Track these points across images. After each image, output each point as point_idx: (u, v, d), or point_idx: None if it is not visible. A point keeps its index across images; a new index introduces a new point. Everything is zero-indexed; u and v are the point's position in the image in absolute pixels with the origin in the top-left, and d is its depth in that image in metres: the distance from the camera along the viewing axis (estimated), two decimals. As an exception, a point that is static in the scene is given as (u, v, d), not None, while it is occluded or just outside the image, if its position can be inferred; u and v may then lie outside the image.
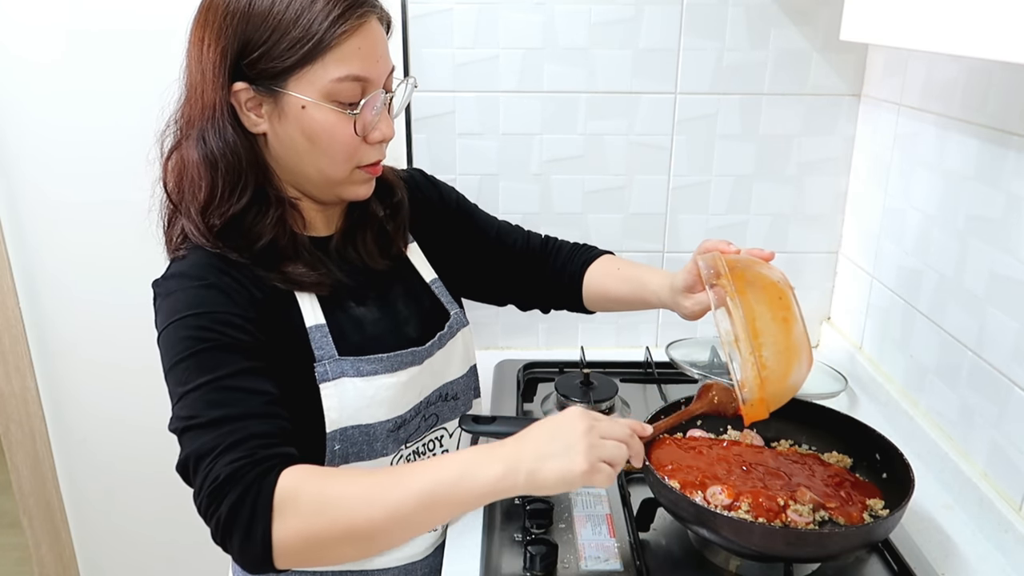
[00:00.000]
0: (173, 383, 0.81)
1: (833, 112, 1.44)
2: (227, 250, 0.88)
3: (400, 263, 1.06)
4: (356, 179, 0.94)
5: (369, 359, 0.94)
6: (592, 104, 1.44)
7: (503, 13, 1.38)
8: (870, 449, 1.02)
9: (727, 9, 1.38)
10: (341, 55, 0.85)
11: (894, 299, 1.32)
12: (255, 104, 0.88)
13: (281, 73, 0.85)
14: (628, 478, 1.11)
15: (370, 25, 0.87)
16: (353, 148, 0.90)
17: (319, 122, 0.87)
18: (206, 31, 0.86)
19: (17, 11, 1.41)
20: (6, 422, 1.63)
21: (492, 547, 1.00)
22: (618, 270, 1.14)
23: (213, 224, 0.87)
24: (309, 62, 0.84)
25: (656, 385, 1.43)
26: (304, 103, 0.86)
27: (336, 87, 0.86)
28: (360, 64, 0.86)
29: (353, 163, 0.92)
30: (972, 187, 1.09)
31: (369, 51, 0.87)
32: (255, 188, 0.89)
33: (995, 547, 1.01)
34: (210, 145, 0.87)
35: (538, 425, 0.81)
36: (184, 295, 0.84)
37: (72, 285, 1.57)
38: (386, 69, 0.91)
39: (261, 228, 0.89)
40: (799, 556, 0.89)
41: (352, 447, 0.94)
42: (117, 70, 1.45)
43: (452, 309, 1.09)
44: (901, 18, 0.82)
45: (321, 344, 0.92)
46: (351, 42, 0.85)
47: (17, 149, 1.49)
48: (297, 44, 0.83)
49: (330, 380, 0.91)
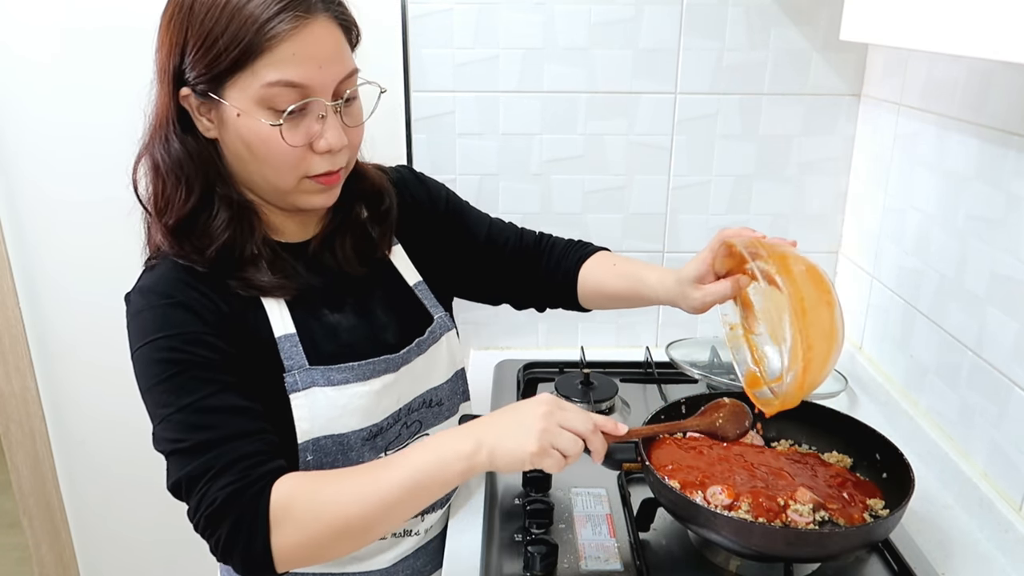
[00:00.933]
0: (152, 405, 0.83)
1: (833, 112, 1.44)
2: (188, 254, 0.86)
3: (381, 267, 1.03)
4: (307, 189, 0.89)
5: (340, 368, 0.91)
6: (592, 104, 1.44)
7: (503, 13, 1.38)
8: (870, 449, 1.02)
9: (727, 9, 1.38)
10: (273, 60, 0.80)
11: (894, 299, 1.32)
12: (206, 109, 0.85)
13: (216, 79, 0.81)
14: (628, 478, 1.11)
15: (311, 28, 0.81)
16: (294, 158, 0.85)
17: (253, 131, 0.83)
18: (160, 32, 0.84)
19: (15, 9, 1.41)
20: (6, 422, 1.62)
21: (492, 547, 1.01)
22: (614, 266, 1.11)
23: (167, 223, 0.86)
24: (240, 68, 0.80)
25: (656, 385, 1.43)
26: (239, 111, 0.82)
27: (268, 93, 0.81)
28: (295, 70, 0.81)
29: (299, 173, 0.87)
30: (972, 187, 1.09)
31: (307, 56, 0.81)
32: (202, 191, 0.87)
33: (995, 547, 1.01)
34: (156, 152, 0.87)
35: (507, 407, 0.84)
36: (152, 315, 0.84)
37: (72, 285, 1.57)
38: (333, 74, 0.84)
39: (212, 231, 0.87)
40: (799, 556, 0.89)
41: (326, 457, 0.91)
42: (116, 68, 1.45)
43: (436, 313, 1.05)
44: (901, 18, 0.82)
45: (291, 354, 0.89)
46: (284, 47, 0.80)
47: (17, 149, 1.48)
48: (228, 49, 0.79)
49: (300, 390, 0.89)
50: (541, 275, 1.15)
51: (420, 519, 1.02)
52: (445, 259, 1.11)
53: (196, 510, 0.78)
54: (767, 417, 0.91)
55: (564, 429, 0.81)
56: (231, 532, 0.77)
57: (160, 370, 0.81)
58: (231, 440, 0.79)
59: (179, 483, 0.79)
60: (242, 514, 0.76)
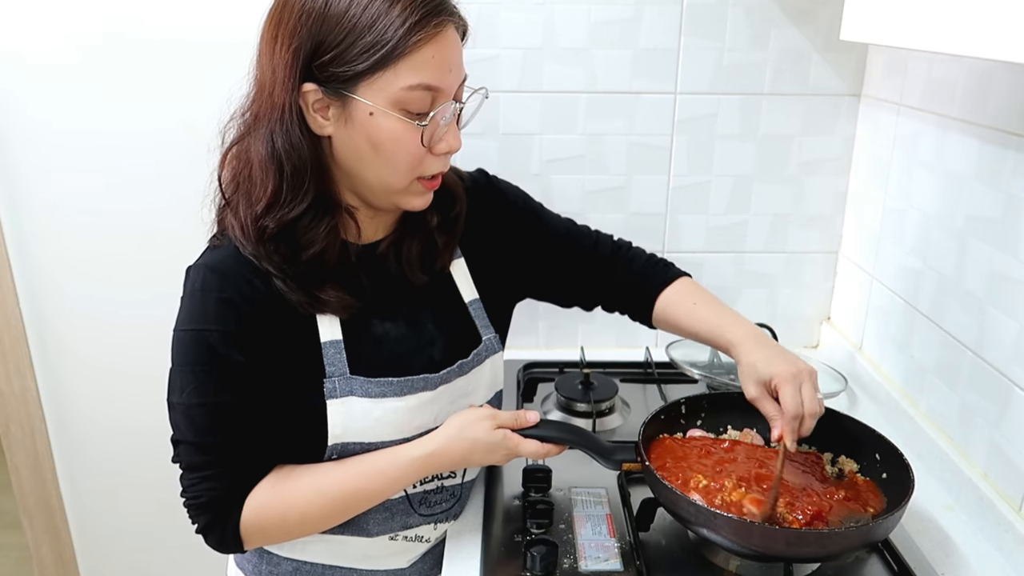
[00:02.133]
0: (178, 382, 0.87)
1: (833, 112, 1.44)
2: (271, 258, 0.86)
3: (440, 280, 1.02)
4: (415, 190, 0.91)
5: (379, 381, 0.92)
6: (592, 104, 1.44)
7: (503, 13, 1.38)
8: (870, 449, 1.02)
9: (727, 9, 1.38)
10: (414, 63, 0.82)
11: (894, 299, 1.32)
12: (323, 106, 0.85)
13: (352, 78, 0.83)
14: (628, 478, 1.11)
15: (446, 34, 0.84)
16: (417, 158, 0.88)
17: (386, 130, 0.85)
18: (280, 28, 0.84)
19: (22, 16, 1.41)
20: (6, 422, 1.63)
21: (492, 547, 1.01)
22: (694, 305, 1.08)
23: (265, 226, 0.86)
24: (381, 68, 0.82)
25: (656, 385, 1.43)
26: (372, 109, 0.84)
27: (406, 95, 0.83)
28: (432, 74, 0.84)
29: (415, 173, 0.89)
30: (972, 187, 1.09)
31: (443, 61, 0.84)
32: (316, 193, 0.87)
33: (995, 547, 1.01)
34: (278, 145, 0.85)
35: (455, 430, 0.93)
36: (204, 303, 0.85)
37: (72, 286, 1.57)
38: (458, 79, 0.88)
39: (313, 235, 0.87)
40: (799, 556, 0.89)
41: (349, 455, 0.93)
42: (120, 75, 1.45)
43: (486, 334, 1.04)
44: (901, 18, 0.82)
45: (333, 360, 0.91)
46: (425, 51, 0.83)
47: (19, 150, 1.49)
48: (371, 49, 0.81)
49: (338, 397, 0.90)
50: (617, 283, 1.14)
51: (433, 527, 1.02)
52: (518, 260, 1.10)
53: (183, 493, 0.88)
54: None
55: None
56: (207, 528, 0.88)
57: (196, 359, 0.85)
58: (235, 453, 0.87)
59: (178, 464, 0.88)
60: (215, 520, 0.87)
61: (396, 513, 0.98)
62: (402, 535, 1.00)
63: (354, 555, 0.99)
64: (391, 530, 0.99)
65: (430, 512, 1.01)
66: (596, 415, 1.27)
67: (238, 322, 0.85)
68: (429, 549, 1.04)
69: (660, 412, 1.07)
